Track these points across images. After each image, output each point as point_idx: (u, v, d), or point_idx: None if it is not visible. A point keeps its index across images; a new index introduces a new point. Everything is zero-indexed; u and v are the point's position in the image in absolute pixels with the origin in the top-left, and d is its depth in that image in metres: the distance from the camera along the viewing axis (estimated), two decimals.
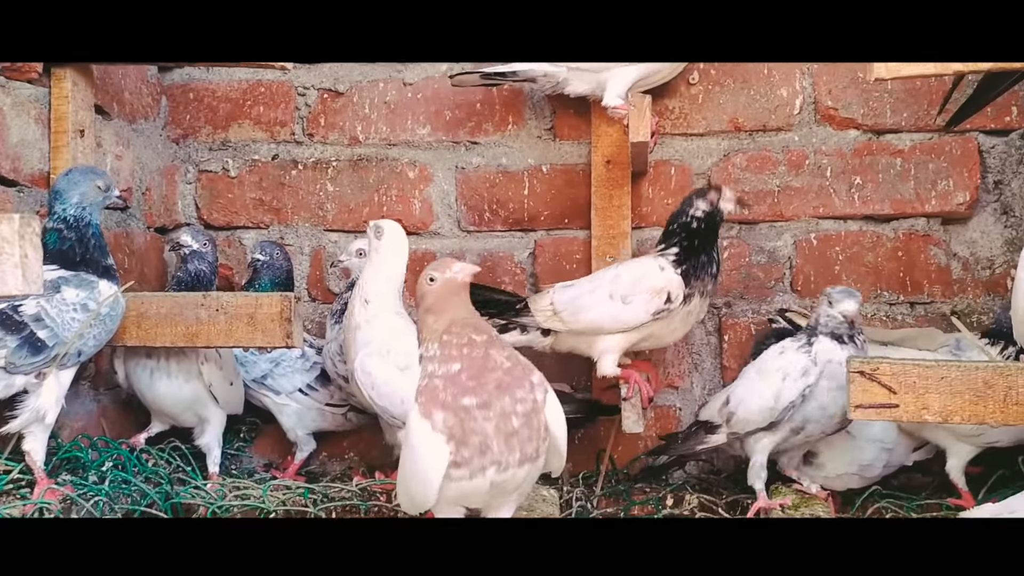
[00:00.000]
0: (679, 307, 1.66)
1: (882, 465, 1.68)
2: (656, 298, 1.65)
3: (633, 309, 1.66)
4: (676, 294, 1.65)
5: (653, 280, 1.66)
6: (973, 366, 1.36)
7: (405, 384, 1.64)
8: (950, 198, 1.89)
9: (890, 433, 1.66)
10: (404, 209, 2.06)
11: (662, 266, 1.67)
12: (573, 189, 2.01)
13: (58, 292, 1.47)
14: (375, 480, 1.83)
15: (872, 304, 1.92)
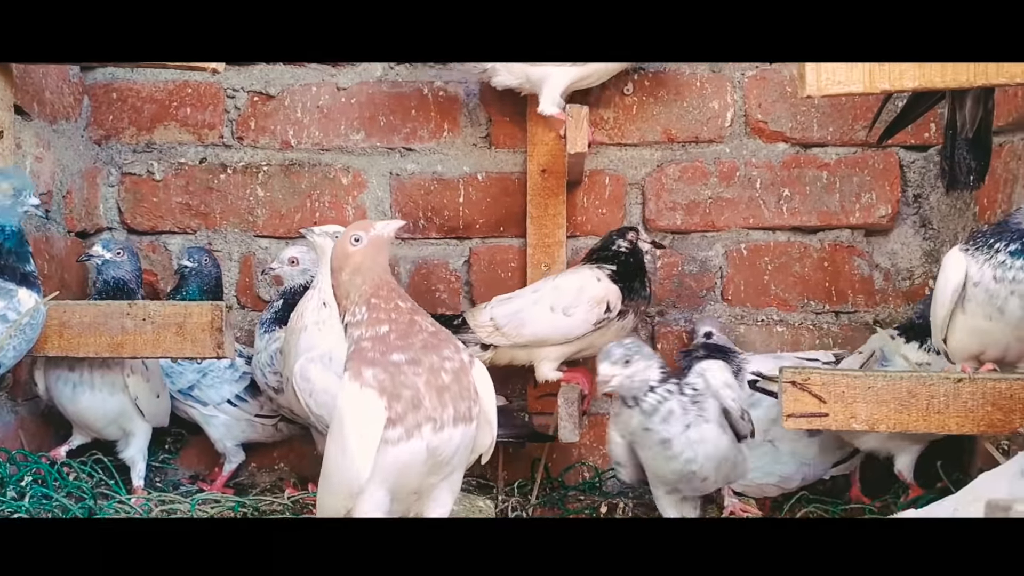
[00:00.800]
0: (615, 319, 1.72)
1: (800, 478, 1.73)
2: (597, 308, 1.71)
3: (575, 320, 1.72)
4: (615, 303, 1.71)
5: (593, 290, 1.72)
6: (898, 376, 1.40)
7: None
8: (873, 211, 1.95)
9: (810, 449, 1.70)
10: (337, 215, 2.03)
11: (599, 277, 1.73)
12: (508, 197, 2.01)
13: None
14: (307, 492, 1.80)
15: (799, 313, 1.97)
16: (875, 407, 1.39)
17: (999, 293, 1.33)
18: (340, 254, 1.25)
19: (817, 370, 1.42)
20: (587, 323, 1.71)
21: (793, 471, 1.72)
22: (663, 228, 1.99)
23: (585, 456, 2.01)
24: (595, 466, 1.99)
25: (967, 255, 1.37)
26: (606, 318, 1.71)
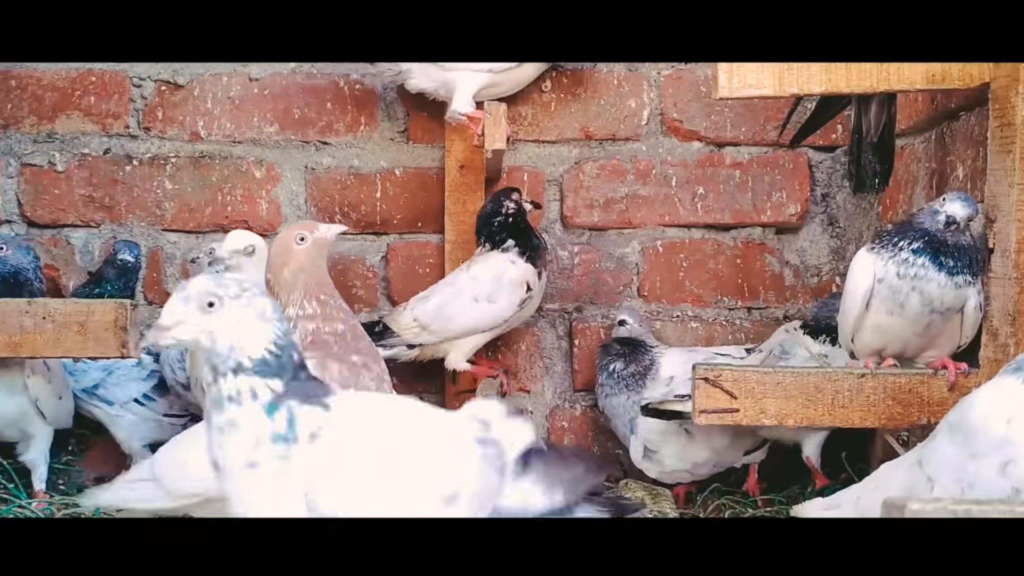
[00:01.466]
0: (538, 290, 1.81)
1: (712, 465, 1.77)
2: (519, 290, 1.77)
3: (501, 306, 1.77)
4: (533, 281, 1.79)
5: (511, 275, 1.78)
6: (805, 372, 1.44)
7: None
8: (783, 209, 2.00)
9: (724, 437, 1.75)
10: (250, 210, 1.98)
11: (512, 260, 1.78)
12: (426, 193, 2.00)
13: None
14: None
15: (713, 309, 2.01)
16: (783, 402, 1.42)
17: (901, 289, 1.37)
18: (284, 251, 1.29)
19: (728, 367, 1.45)
20: (512, 306, 1.78)
21: (706, 458, 1.75)
22: (581, 225, 2.00)
23: None
24: None
25: (873, 254, 1.41)
26: (528, 296, 1.78)
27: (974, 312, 1.37)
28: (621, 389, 1.81)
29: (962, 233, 1.33)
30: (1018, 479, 0.96)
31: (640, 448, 1.76)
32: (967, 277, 1.34)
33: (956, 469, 1.03)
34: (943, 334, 1.41)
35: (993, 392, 1.03)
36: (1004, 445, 0.98)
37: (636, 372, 1.80)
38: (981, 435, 1.01)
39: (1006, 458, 0.97)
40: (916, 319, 1.38)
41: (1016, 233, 1.29)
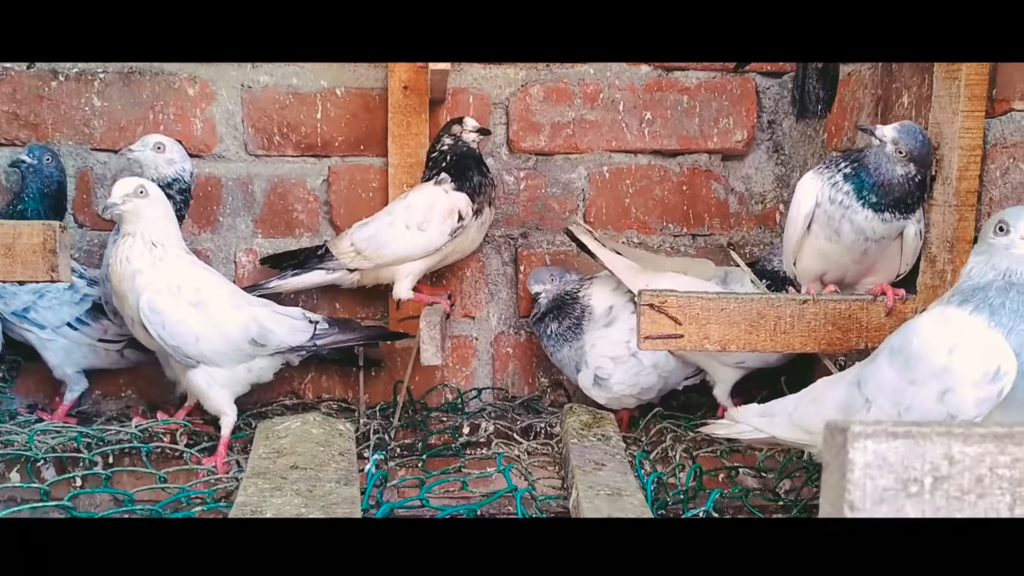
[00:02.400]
0: (472, 221, 1.79)
1: (658, 389, 1.80)
2: (449, 219, 1.76)
3: (430, 235, 1.77)
4: (466, 211, 1.77)
5: (443, 204, 1.76)
6: (749, 298, 1.45)
7: (198, 320, 1.57)
8: (729, 136, 1.99)
9: (670, 361, 1.77)
10: (184, 129, 1.91)
11: (446, 190, 1.77)
12: (369, 115, 1.94)
13: None
14: (157, 420, 1.73)
15: (658, 236, 2.01)
16: (727, 328, 1.44)
17: (835, 215, 1.38)
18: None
19: (673, 292, 1.45)
20: (443, 235, 1.77)
21: (653, 383, 1.78)
22: (527, 150, 1.97)
23: (448, 378, 2.01)
24: (458, 387, 2.00)
25: (817, 175, 1.41)
26: (460, 226, 1.77)
27: (914, 239, 1.39)
28: (562, 344, 1.82)
29: (891, 161, 1.31)
30: (955, 406, 0.99)
31: (591, 376, 1.78)
32: (896, 214, 1.34)
33: (895, 393, 1.05)
34: (882, 260, 1.44)
35: (937, 321, 1.05)
36: (944, 374, 1.00)
37: (570, 325, 1.81)
38: (923, 362, 1.03)
39: (944, 387, 1.00)
40: (852, 246, 1.39)
41: (958, 160, 1.30)
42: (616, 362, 1.76)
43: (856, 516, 0.70)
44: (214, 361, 1.61)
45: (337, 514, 1.25)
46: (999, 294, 1.00)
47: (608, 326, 1.79)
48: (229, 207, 1.95)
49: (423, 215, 1.76)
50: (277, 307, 1.69)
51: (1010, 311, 0.99)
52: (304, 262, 1.83)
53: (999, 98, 1.27)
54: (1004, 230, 1.02)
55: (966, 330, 1.00)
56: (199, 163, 1.91)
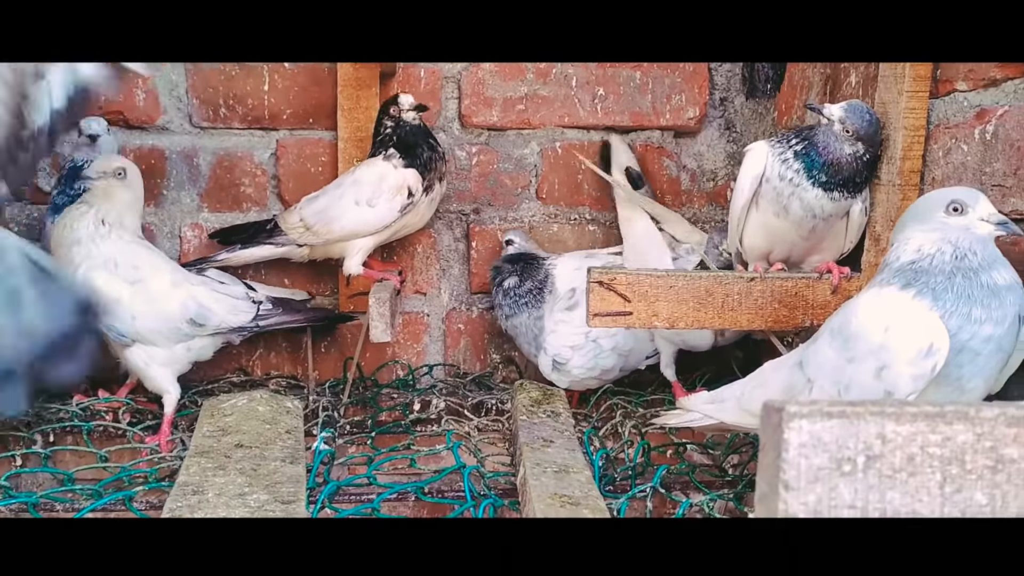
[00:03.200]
0: (422, 197, 1.76)
1: (618, 370, 1.80)
2: (399, 196, 1.73)
3: (380, 210, 1.74)
4: (416, 187, 1.74)
5: (392, 180, 1.73)
6: (697, 275, 1.46)
7: (135, 299, 1.55)
8: (682, 113, 1.99)
9: (628, 342, 1.77)
10: (126, 100, 1.86)
11: (395, 165, 1.74)
12: (318, 88, 1.90)
13: None
14: (98, 399, 1.70)
15: (611, 212, 2.00)
16: (675, 305, 1.44)
17: (784, 191, 1.38)
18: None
19: (623, 270, 1.46)
20: (392, 211, 1.74)
21: (612, 364, 1.78)
22: (479, 125, 1.95)
23: (399, 354, 2.00)
24: (409, 363, 1.99)
25: (769, 146, 1.41)
26: (410, 202, 1.74)
27: (860, 216, 1.40)
28: (520, 308, 1.80)
29: (839, 140, 1.32)
30: (891, 383, 1.00)
31: (550, 362, 1.77)
32: (844, 193, 1.35)
33: (835, 372, 1.07)
34: (828, 238, 1.45)
35: (874, 300, 1.06)
36: (880, 351, 1.01)
37: (532, 288, 1.80)
38: (860, 341, 1.04)
39: (881, 363, 1.01)
40: (800, 223, 1.40)
41: (902, 140, 1.32)
42: (575, 349, 1.76)
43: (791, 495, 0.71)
44: (151, 340, 1.58)
45: (282, 493, 1.23)
46: (945, 278, 1.00)
47: (570, 309, 1.78)
48: (174, 180, 1.91)
49: (372, 191, 1.73)
50: (219, 286, 1.66)
51: (954, 295, 1.00)
52: (253, 236, 1.80)
53: (943, 79, 1.28)
54: (960, 210, 1.02)
55: (902, 309, 1.02)
56: (141, 135, 1.87)
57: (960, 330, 0.98)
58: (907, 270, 1.04)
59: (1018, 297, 1.00)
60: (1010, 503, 0.73)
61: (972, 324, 0.98)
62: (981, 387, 1.02)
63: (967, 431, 0.71)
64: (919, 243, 1.04)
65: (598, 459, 1.45)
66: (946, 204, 1.03)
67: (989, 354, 0.99)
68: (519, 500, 1.35)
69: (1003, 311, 0.98)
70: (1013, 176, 1.13)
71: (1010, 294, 0.99)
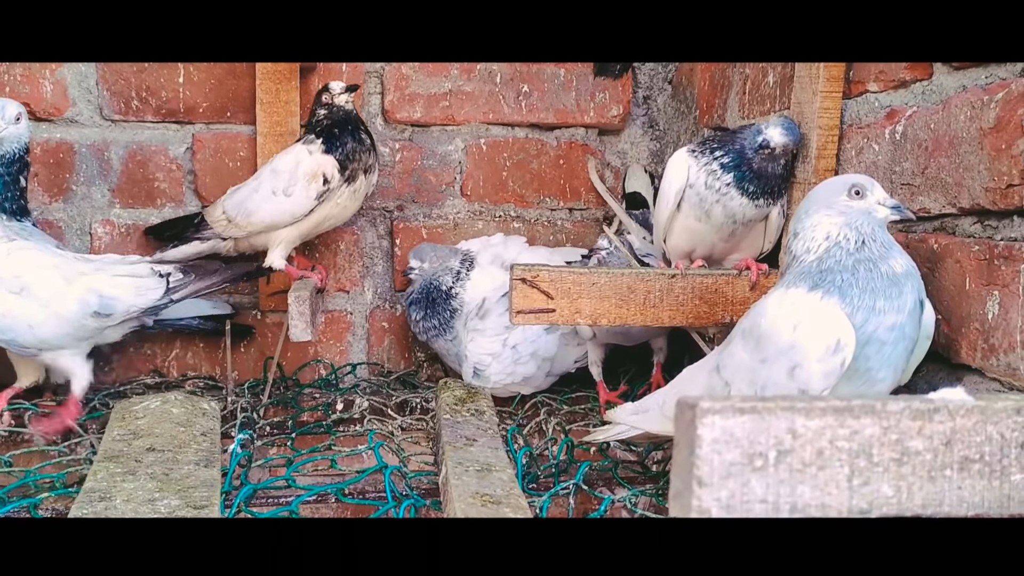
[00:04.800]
0: (342, 186, 1.71)
1: (544, 374, 1.79)
2: (314, 183, 1.69)
3: (296, 199, 1.69)
4: (331, 174, 1.70)
5: (306, 166, 1.69)
6: (619, 272, 1.46)
7: (27, 308, 1.47)
8: (606, 110, 2.00)
9: (551, 347, 1.77)
10: (32, 92, 1.78)
11: (311, 151, 1.70)
12: (236, 80, 1.86)
13: None
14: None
15: (536, 209, 2.00)
16: (598, 302, 1.44)
17: (708, 198, 1.41)
18: None
19: (545, 267, 1.45)
20: (308, 199, 1.70)
21: (533, 372, 1.77)
22: (403, 121, 1.93)
23: (322, 353, 1.96)
24: (332, 363, 1.96)
25: (691, 157, 1.43)
26: (326, 189, 1.69)
27: (777, 219, 1.43)
28: (434, 336, 1.80)
29: (774, 159, 1.35)
30: (803, 381, 1.02)
31: (471, 370, 1.76)
32: (768, 200, 1.39)
33: (750, 373, 1.08)
34: (747, 238, 1.47)
35: (781, 301, 1.08)
36: (791, 351, 1.03)
37: (440, 320, 1.78)
38: (771, 341, 1.05)
39: (792, 363, 1.02)
40: (721, 227, 1.43)
41: (816, 139, 1.34)
42: (494, 356, 1.75)
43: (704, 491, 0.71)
44: (58, 345, 1.51)
45: (195, 498, 1.20)
46: (849, 274, 1.03)
47: (482, 318, 1.77)
48: (83, 175, 1.84)
49: (288, 179, 1.69)
50: (119, 268, 1.56)
51: (859, 289, 1.02)
52: (181, 232, 1.76)
53: (855, 80, 1.31)
54: (860, 194, 1.05)
55: (808, 308, 1.04)
56: (49, 128, 1.80)
57: (866, 322, 1.00)
58: (814, 269, 1.06)
59: (916, 282, 1.03)
60: (915, 494, 0.74)
61: (877, 315, 1.00)
62: (890, 378, 1.04)
63: (874, 424, 0.73)
64: (827, 230, 1.06)
65: (521, 456, 1.45)
66: (848, 188, 1.05)
67: (895, 342, 1.01)
68: (441, 500, 1.33)
69: (903, 299, 1.01)
70: (921, 175, 1.16)
71: (908, 280, 1.02)
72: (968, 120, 1.07)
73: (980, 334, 1.05)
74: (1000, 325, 1.01)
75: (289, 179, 1.68)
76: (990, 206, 1.04)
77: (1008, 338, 1.00)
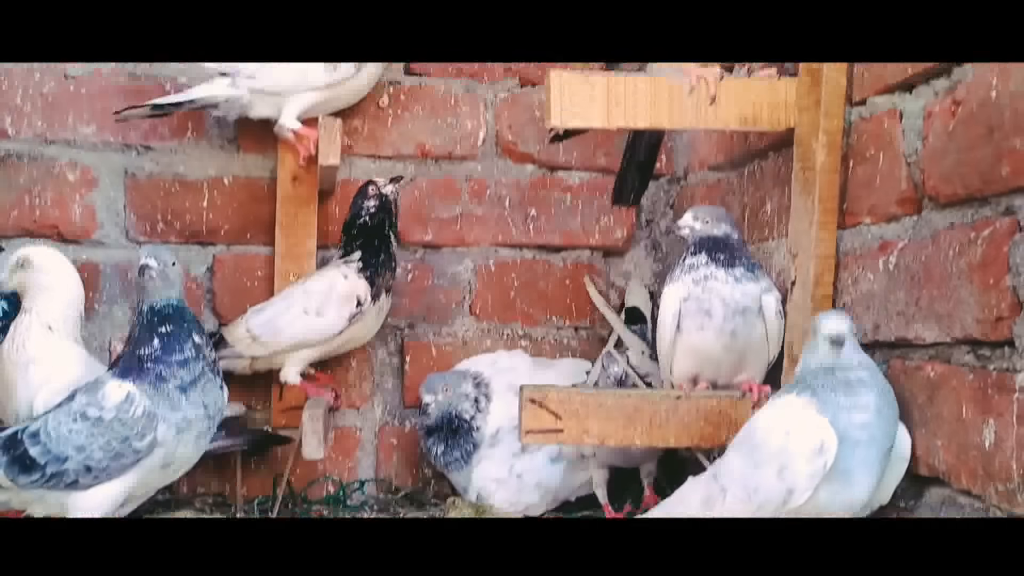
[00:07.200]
0: (370, 306, 1.78)
1: (546, 504, 1.81)
2: (347, 305, 1.75)
3: (329, 319, 1.76)
4: (364, 296, 1.77)
5: (340, 288, 1.76)
6: (625, 394, 1.51)
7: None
8: (610, 233, 2.08)
9: (555, 477, 1.80)
10: (61, 215, 1.87)
11: (346, 274, 1.77)
12: (257, 204, 1.94)
13: None
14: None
15: (543, 328, 2.06)
16: (605, 423, 1.48)
17: (705, 298, 1.46)
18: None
19: (554, 388, 1.49)
20: (341, 320, 1.76)
21: (536, 501, 1.80)
22: (415, 242, 2.01)
23: (330, 470, 1.98)
24: (340, 479, 1.97)
25: (674, 285, 1.50)
26: (359, 311, 1.76)
27: (776, 319, 1.47)
28: (452, 470, 1.82)
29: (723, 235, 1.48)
30: (791, 481, 1.12)
31: (475, 495, 1.79)
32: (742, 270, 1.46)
33: (743, 477, 1.18)
34: (751, 351, 1.50)
35: (774, 408, 1.20)
36: (781, 453, 1.14)
37: (462, 455, 1.81)
38: (763, 447, 1.17)
39: (782, 464, 1.13)
40: (722, 327, 1.46)
41: (814, 268, 1.40)
42: (499, 483, 1.78)
43: None
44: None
45: None
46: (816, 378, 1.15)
47: (493, 446, 1.80)
48: (107, 294, 1.90)
49: (321, 299, 1.75)
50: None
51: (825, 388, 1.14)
52: None
53: (849, 212, 1.38)
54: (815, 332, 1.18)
55: (797, 414, 1.15)
56: (76, 249, 1.87)
57: (835, 419, 1.12)
58: (799, 379, 1.19)
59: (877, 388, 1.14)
60: None
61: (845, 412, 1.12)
62: (866, 484, 1.13)
63: None
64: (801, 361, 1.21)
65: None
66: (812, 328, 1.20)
67: (868, 443, 1.12)
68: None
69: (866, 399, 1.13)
70: (915, 305, 1.21)
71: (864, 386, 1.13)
72: (957, 255, 1.13)
73: (979, 461, 1.08)
74: (997, 453, 1.05)
75: (322, 300, 1.74)
76: (982, 337, 1.09)
77: (1005, 467, 1.03)
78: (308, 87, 1.77)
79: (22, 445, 1.28)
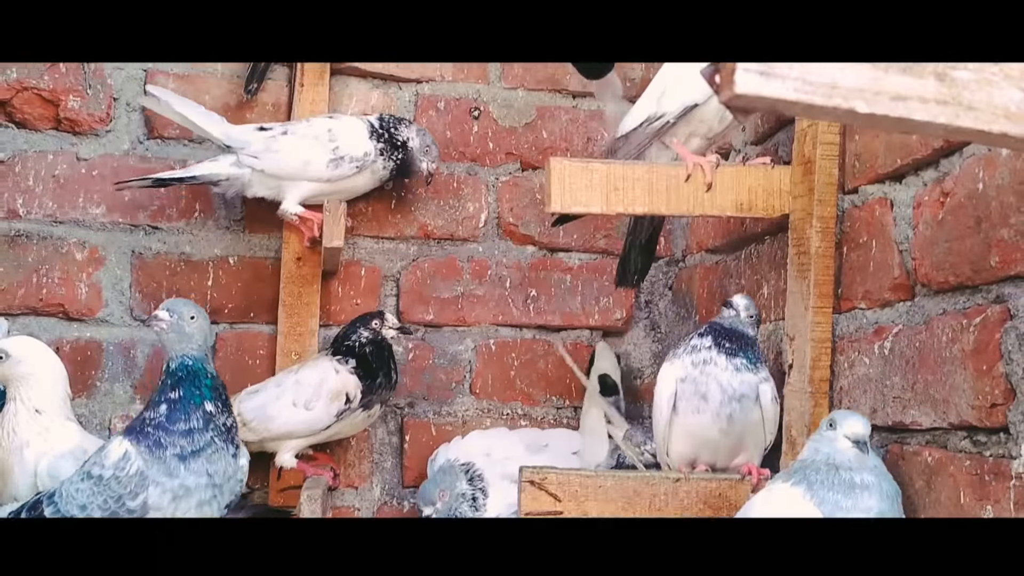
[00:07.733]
0: (359, 409, 1.79)
1: None
2: (336, 401, 1.76)
3: (316, 414, 1.77)
4: (354, 394, 1.77)
5: (331, 384, 1.77)
6: (625, 476, 1.50)
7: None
8: (610, 314, 2.10)
9: None
10: (67, 293, 1.89)
11: (337, 369, 1.78)
12: (261, 283, 1.97)
13: None
14: None
15: (543, 407, 2.06)
16: (604, 504, 1.47)
17: (702, 381, 1.47)
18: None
19: (553, 469, 1.49)
20: (328, 416, 1.77)
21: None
22: (416, 321, 2.03)
23: None
24: None
25: (672, 362, 1.52)
26: (347, 408, 1.77)
27: (772, 405, 1.48)
28: None
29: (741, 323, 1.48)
30: None
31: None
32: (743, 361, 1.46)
33: None
34: (748, 434, 1.51)
35: (766, 496, 1.21)
36: None
37: None
38: None
39: None
40: (719, 412, 1.47)
41: (811, 351, 1.42)
42: None
43: None
44: None
45: None
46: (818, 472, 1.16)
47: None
48: (108, 372, 1.91)
49: (311, 392, 1.76)
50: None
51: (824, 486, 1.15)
52: None
53: (844, 297, 1.41)
54: (833, 426, 1.18)
55: (785, 501, 1.17)
56: (80, 327, 1.89)
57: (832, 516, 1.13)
58: (796, 469, 1.20)
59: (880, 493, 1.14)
60: None
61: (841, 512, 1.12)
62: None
63: None
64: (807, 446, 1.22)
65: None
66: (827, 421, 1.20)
67: None
68: None
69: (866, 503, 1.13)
70: (911, 390, 1.23)
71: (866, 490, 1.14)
72: (950, 341, 1.15)
73: None
74: None
75: (313, 393, 1.76)
76: (978, 423, 1.10)
77: None
78: (309, 177, 1.82)
79: (40, 506, 1.32)
